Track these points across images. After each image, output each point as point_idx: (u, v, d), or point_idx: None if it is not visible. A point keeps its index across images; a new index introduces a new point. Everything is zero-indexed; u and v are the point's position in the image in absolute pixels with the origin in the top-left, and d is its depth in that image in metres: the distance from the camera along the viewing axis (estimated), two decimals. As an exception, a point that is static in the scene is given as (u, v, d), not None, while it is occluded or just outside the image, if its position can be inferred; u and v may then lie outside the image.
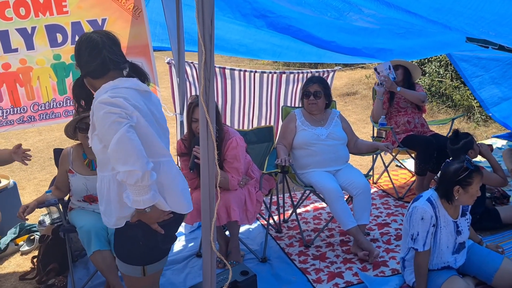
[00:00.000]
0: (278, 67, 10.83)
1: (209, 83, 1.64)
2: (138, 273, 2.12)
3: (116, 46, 2.06)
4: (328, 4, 2.57)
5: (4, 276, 3.39)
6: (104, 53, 1.99)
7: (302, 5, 2.82)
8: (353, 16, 2.71)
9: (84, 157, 3.11)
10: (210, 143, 1.68)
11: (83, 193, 3.06)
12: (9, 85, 3.76)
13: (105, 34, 2.05)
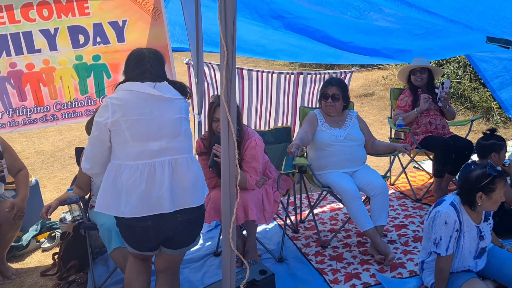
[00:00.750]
0: (295, 68, 10.83)
1: (230, 83, 1.67)
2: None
3: (159, 62, 2.38)
4: (348, 3, 2.57)
5: (26, 272, 3.46)
6: (147, 66, 2.31)
7: (322, 4, 2.83)
8: (374, 15, 2.71)
9: None
10: (231, 142, 1.70)
11: None
12: (33, 85, 3.85)
13: (154, 52, 2.40)
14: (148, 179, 2.19)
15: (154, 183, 2.19)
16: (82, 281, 3.24)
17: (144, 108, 2.24)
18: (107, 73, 4.03)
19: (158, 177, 2.19)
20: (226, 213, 1.79)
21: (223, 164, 1.75)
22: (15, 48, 3.74)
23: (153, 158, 2.21)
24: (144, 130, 2.22)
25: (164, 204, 2.20)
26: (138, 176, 2.18)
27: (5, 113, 3.86)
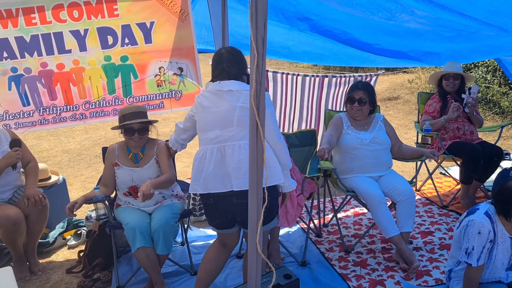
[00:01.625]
0: (318, 71, 10.77)
1: (260, 86, 1.66)
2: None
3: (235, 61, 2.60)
4: (379, 5, 2.54)
5: (52, 268, 3.52)
6: (223, 65, 2.58)
7: (353, 5, 2.80)
8: (405, 17, 2.67)
9: (128, 151, 3.25)
10: (260, 145, 1.69)
11: (129, 184, 3.17)
12: (63, 84, 3.93)
13: (230, 50, 2.65)
14: (201, 162, 2.55)
15: (203, 166, 2.53)
16: (107, 279, 3.28)
17: (210, 103, 2.58)
18: (134, 73, 4.08)
19: (207, 161, 2.52)
20: (253, 216, 1.78)
21: (251, 167, 1.74)
22: (46, 49, 3.83)
23: (207, 144, 2.56)
24: (206, 121, 2.58)
25: (208, 186, 2.51)
26: (196, 159, 2.60)
27: (36, 111, 3.95)
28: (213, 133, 2.54)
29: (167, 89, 4.19)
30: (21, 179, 3.49)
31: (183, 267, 3.36)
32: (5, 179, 3.32)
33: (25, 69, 3.86)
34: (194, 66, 4.20)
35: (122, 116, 3.16)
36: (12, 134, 3.47)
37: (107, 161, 3.26)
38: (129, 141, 3.19)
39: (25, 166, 3.47)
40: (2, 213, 3.16)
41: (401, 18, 2.75)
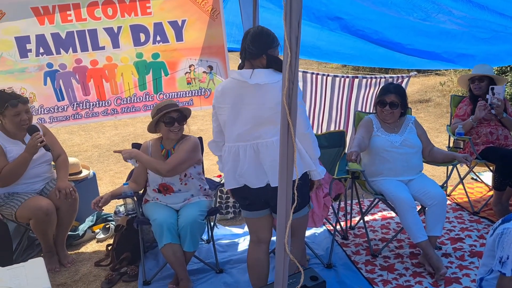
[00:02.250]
0: (347, 72, 10.66)
1: (292, 85, 1.64)
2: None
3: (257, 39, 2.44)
4: (416, 5, 2.49)
5: (81, 261, 3.59)
6: (245, 44, 2.47)
7: (388, 5, 2.75)
8: (442, 17, 2.61)
9: (162, 147, 3.29)
10: (290, 145, 1.68)
11: (159, 181, 3.20)
12: (96, 80, 4.02)
13: (256, 29, 2.51)
14: (234, 159, 2.50)
15: (237, 164, 2.49)
16: (133, 274, 3.32)
17: (239, 95, 2.44)
18: (165, 70, 4.13)
19: (240, 159, 2.48)
20: (282, 216, 1.76)
21: (281, 167, 1.73)
22: (81, 45, 3.91)
23: (238, 142, 2.48)
24: (235, 117, 2.45)
25: (247, 181, 2.50)
26: (227, 155, 2.53)
27: (69, 106, 4.05)
28: (244, 129, 2.45)
29: (196, 86, 4.23)
30: (51, 172, 3.58)
31: (208, 265, 3.38)
32: (36, 170, 3.40)
33: (60, 65, 3.95)
34: (224, 65, 4.22)
35: (158, 109, 3.18)
36: (44, 128, 3.54)
37: None
38: (168, 133, 3.20)
39: (55, 160, 3.55)
40: (33, 204, 3.24)
41: (437, 19, 2.69)
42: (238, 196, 2.67)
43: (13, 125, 3.25)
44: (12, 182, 3.26)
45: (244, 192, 2.57)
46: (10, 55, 3.84)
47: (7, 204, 3.27)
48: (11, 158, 3.25)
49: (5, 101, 3.21)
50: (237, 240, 3.81)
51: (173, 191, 3.22)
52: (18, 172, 3.24)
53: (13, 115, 3.22)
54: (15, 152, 3.27)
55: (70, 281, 3.30)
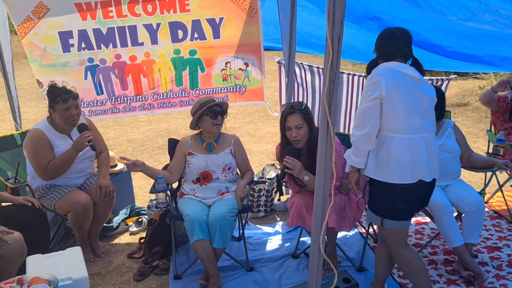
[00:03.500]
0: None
1: (333, 84, 1.63)
2: (378, 222, 2.62)
3: (408, 41, 2.55)
4: (461, 4, 2.42)
5: (114, 252, 3.67)
6: (398, 43, 2.50)
7: (431, 4, 2.69)
8: (488, 17, 2.53)
9: (202, 141, 3.37)
10: (329, 145, 1.67)
11: (202, 169, 3.28)
12: (134, 75, 4.10)
13: (403, 31, 2.56)
14: (412, 151, 2.43)
15: (417, 155, 2.43)
16: (165, 267, 3.37)
17: (409, 86, 2.44)
18: (202, 67, 4.17)
19: (420, 150, 2.43)
20: (318, 216, 1.75)
21: (318, 165, 1.72)
22: (121, 41, 4.00)
23: (415, 133, 2.44)
24: (411, 106, 2.43)
25: (422, 174, 2.46)
26: (404, 147, 2.42)
27: (108, 100, 4.14)
28: (418, 120, 2.44)
29: (232, 83, 4.25)
30: (93, 167, 3.65)
31: (239, 262, 3.39)
32: (79, 166, 3.48)
33: (100, 60, 4.05)
34: (260, 62, 4.22)
35: (202, 104, 3.25)
36: (90, 123, 3.62)
37: (178, 152, 3.37)
38: (212, 127, 3.26)
39: (98, 155, 3.62)
40: (73, 198, 3.32)
41: (482, 19, 2.60)
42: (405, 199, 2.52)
43: (62, 120, 3.32)
44: (57, 177, 3.35)
45: (414, 191, 2.50)
46: (54, 49, 3.96)
47: (48, 195, 3.36)
48: (58, 153, 3.33)
49: (56, 96, 3.27)
50: (268, 239, 3.81)
51: (212, 179, 3.28)
52: (64, 167, 3.32)
53: (63, 110, 3.28)
54: (62, 147, 3.34)
55: (104, 271, 3.38)
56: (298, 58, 4.40)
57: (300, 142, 3.05)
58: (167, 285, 3.20)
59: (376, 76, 2.41)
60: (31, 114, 8.16)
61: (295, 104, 3.05)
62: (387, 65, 2.48)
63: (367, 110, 2.40)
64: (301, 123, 3.02)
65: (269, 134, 7.03)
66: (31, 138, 3.33)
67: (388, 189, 2.49)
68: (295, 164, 2.95)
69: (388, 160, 2.44)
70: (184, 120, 7.89)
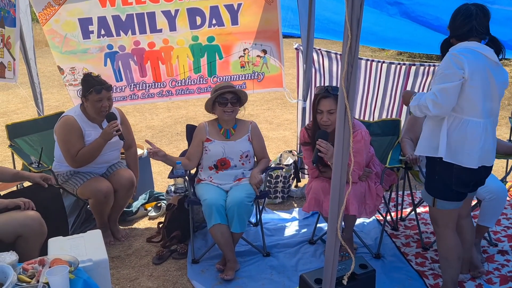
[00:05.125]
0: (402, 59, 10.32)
1: (351, 68, 1.61)
2: (430, 202, 2.61)
3: (485, 19, 2.43)
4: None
5: (133, 236, 3.74)
6: (473, 23, 2.39)
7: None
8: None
9: (220, 127, 3.37)
10: (347, 129, 1.66)
11: (219, 156, 3.30)
12: (153, 62, 4.12)
13: (481, 7, 2.43)
14: (485, 136, 2.40)
15: (487, 140, 2.41)
16: (183, 252, 3.42)
17: (487, 68, 2.37)
18: (220, 54, 4.17)
19: (490, 135, 2.42)
20: (335, 201, 1.75)
21: (336, 150, 1.71)
22: (140, 27, 4.02)
23: (488, 117, 2.40)
24: (488, 90, 2.37)
25: (488, 159, 2.46)
26: (480, 132, 2.38)
27: (127, 87, 4.18)
28: (491, 104, 2.41)
29: (250, 70, 4.24)
30: (119, 158, 3.69)
31: (255, 248, 3.42)
32: (106, 157, 3.51)
33: (120, 47, 4.08)
34: (278, 49, 4.20)
35: (214, 90, 3.27)
36: (122, 116, 3.64)
37: (196, 138, 3.39)
38: (222, 114, 3.27)
39: (127, 149, 3.67)
40: (95, 186, 3.36)
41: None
42: (461, 182, 2.48)
43: (93, 110, 3.34)
44: (85, 165, 3.39)
45: (473, 174, 2.46)
46: (74, 36, 4.01)
47: (71, 180, 3.42)
48: (88, 142, 3.36)
49: (90, 86, 3.28)
50: (285, 225, 3.83)
51: (229, 166, 3.30)
52: (92, 156, 3.35)
53: (96, 101, 3.29)
54: (93, 136, 3.38)
55: (124, 255, 3.44)
56: (315, 44, 4.36)
57: (330, 127, 3.03)
58: (185, 269, 3.25)
59: (459, 55, 2.32)
60: (53, 101, 8.30)
61: (330, 88, 3.02)
62: (467, 44, 2.39)
63: (453, 89, 2.30)
64: (334, 108, 2.99)
65: (287, 121, 7.02)
66: (63, 125, 3.35)
67: (446, 170, 2.45)
68: (328, 148, 2.93)
69: (462, 143, 2.38)
70: (202, 107, 7.87)
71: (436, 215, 2.64)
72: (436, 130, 2.45)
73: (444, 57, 2.44)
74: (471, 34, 2.41)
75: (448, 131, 2.40)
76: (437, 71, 2.43)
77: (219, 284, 3.06)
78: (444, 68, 2.36)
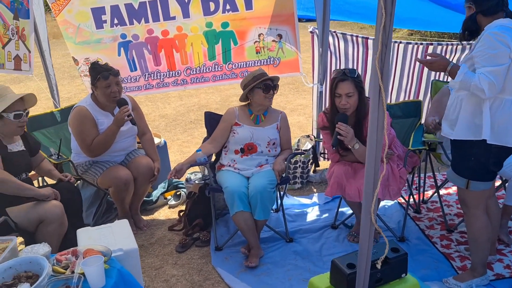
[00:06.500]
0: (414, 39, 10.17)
1: (385, 48, 1.57)
2: (463, 184, 2.55)
3: None
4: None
5: (155, 225, 3.74)
6: None
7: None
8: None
9: (250, 112, 3.36)
10: (381, 111, 1.61)
11: (247, 140, 3.30)
12: (167, 50, 4.07)
13: None
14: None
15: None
16: (206, 239, 3.42)
17: None
18: (234, 40, 4.12)
19: None
20: (369, 184, 1.72)
21: (370, 132, 1.67)
22: (153, 15, 3.97)
23: None
24: None
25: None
26: None
27: (141, 76, 4.15)
28: None
29: (265, 56, 4.19)
30: (134, 145, 3.68)
31: (278, 234, 3.40)
32: (122, 144, 3.50)
33: (133, 36, 4.04)
34: (294, 33, 4.13)
35: (255, 77, 3.24)
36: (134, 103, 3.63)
37: (225, 122, 3.37)
38: (263, 99, 3.25)
39: (141, 137, 3.65)
40: (114, 173, 3.37)
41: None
42: (498, 161, 2.46)
43: (104, 97, 3.34)
44: (101, 153, 3.38)
45: (508, 153, 2.43)
46: (87, 26, 3.97)
47: (90, 170, 3.43)
48: (102, 130, 3.36)
49: (97, 73, 3.29)
50: (306, 210, 3.81)
51: (255, 151, 3.29)
52: (107, 143, 3.34)
53: (104, 87, 3.29)
54: (106, 124, 3.37)
55: (147, 244, 3.45)
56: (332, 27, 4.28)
57: (349, 111, 2.99)
58: (209, 256, 3.25)
59: (502, 33, 2.23)
60: (65, 92, 8.30)
61: (347, 71, 2.97)
62: (501, 22, 2.31)
63: (504, 70, 2.26)
64: (352, 91, 2.95)
65: (300, 106, 6.96)
66: (76, 116, 3.36)
67: (484, 152, 2.40)
68: (347, 131, 2.90)
69: (506, 124, 2.34)
70: (214, 95, 7.89)
71: (468, 197, 2.59)
72: (477, 113, 2.37)
73: (481, 37, 2.33)
74: (499, 8, 2.34)
75: (491, 113, 2.34)
76: (478, 52, 2.31)
77: (244, 271, 3.05)
78: (489, 48, 2.26)
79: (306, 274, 2.97)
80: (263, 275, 3.00)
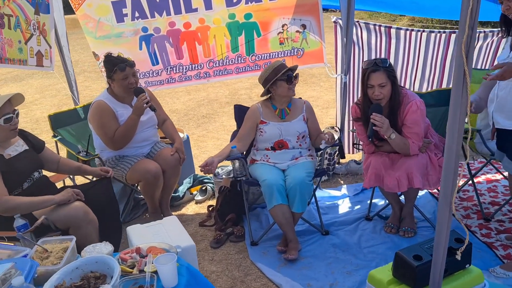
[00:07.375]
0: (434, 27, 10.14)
1: (472, 32, 1.51)
2: None
3: None
4: None
5: (185, 221, 3.67)
6: None
7: None
8: None
9: (274, 108, 3.28)
10: (464, 98, 1.56)
11: (276, 138, 3.22)
12: (189, 43, 3.99)
13: None
14: None
15: None
16: (240, 234, 3.36)
17: None
18: (258, 31, 4.04)
19: None
20: (449, 174, 1.67)
21: (451, 118, 1.62)
22: (174, 8, 3.88)
23: None
24: None
25: None
26: None
27: (164, 70, 4.06)
28: None
29: (289, 46, 4.12)
30: (157, 135, 3.62)
31: (314, 226, 3.36)
32: (144, 134, 3.45)
33: (154, 29, 3.95)
34: (318, 23, 4.07)
35: (275, 69, 3.15)
36: (149, 92, 3.57)
37: (249, 121, 3.29)
38: (287, 91, 3.18)
39: (161, 125, 3.58)
40: (143, 167, 3.30)
41: None
42: None
43: (121, 89, 3.29)
44: (125, 145, 3.33)
45: None
46: (107, 20, 3.88)
47: (118, 166, 3.36)
48: (122, 122, 3.31)
49: (113, 65, 3.24)
50: (337, 203, 3.76)
51: (287, 147, 3.22)
52: (129, 134, 3.30)
53: (122, 79, 3.24)
54: (125, 115, 3.31)
55: (180, 241, 3.39)
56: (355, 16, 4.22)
57: (382, 101, 2.95)
58: (245, 251, 3.19)
59: None
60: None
61: (379, 61, 2.91)
62: None
63: None
64: (385, 81, 2.90)
65: (312, 98, 6.90)
66: (95, 110, 3.30)
67: None
68: (383, 121, 2.86)
69: None
70: (222, 89, 7.80)
71: None
72: None
73: None
74: None
75: None
76: None
77: (284, 265, 3.00)
78: None
79: (349, 267, 2.93)
80: (304, 269, 2.95)
